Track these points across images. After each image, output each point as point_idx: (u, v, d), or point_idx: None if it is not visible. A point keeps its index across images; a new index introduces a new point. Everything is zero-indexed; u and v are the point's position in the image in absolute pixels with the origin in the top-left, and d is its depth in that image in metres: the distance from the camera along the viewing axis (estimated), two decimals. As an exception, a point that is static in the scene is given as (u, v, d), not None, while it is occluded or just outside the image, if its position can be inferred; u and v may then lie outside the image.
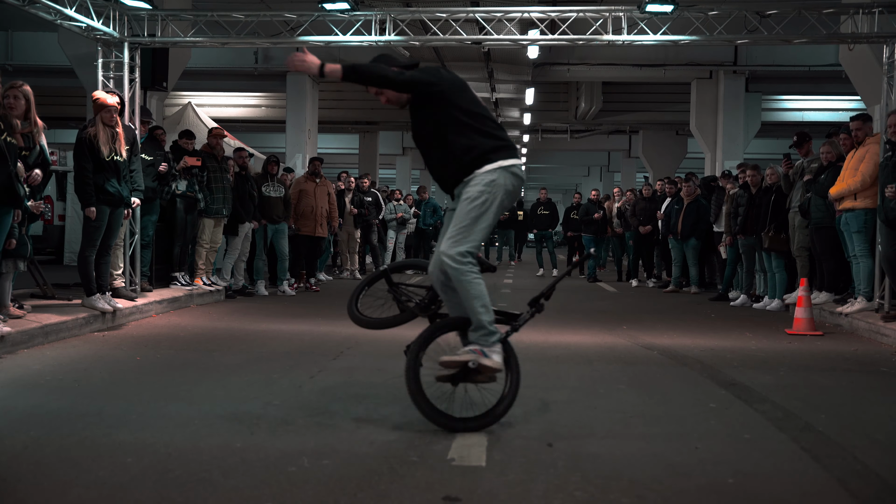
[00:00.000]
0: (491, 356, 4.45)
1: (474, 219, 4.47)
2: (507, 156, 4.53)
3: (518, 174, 4.55)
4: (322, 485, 3.53)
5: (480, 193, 4.46)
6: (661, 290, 15.04)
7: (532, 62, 17.10)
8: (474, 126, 4.52)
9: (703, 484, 3.62)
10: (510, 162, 4.53)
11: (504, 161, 4.51)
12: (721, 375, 6.23)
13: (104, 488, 3.44)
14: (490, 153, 4.50)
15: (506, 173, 4.50)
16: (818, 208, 9.83)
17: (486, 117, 4.61)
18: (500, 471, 3.75)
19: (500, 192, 4.48)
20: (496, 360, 4.46)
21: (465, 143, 4.51)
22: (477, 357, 4.44)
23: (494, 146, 4.52)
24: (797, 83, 19.95)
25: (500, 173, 4.49)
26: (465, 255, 4.45)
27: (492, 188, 4.47)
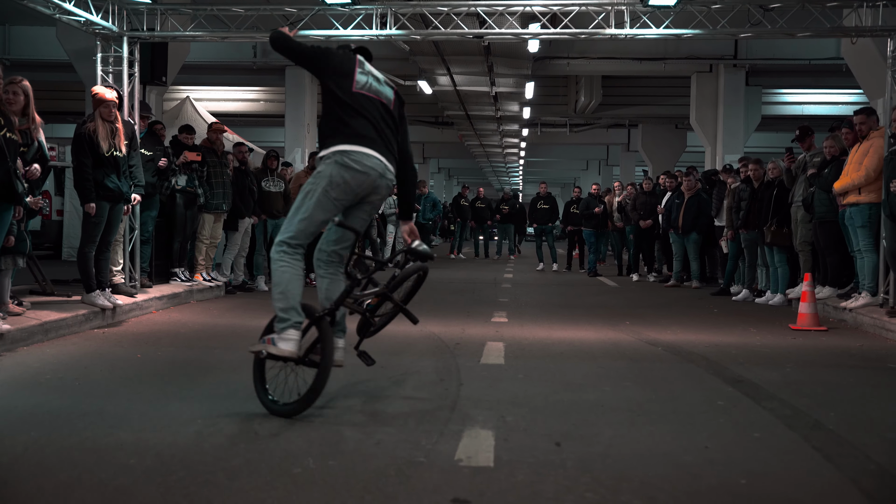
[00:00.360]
0: (278, 344, 4.57)
1: (295, 210, 4.71)
2: (341, 145, 4.62)
3: (349, 165, 4.60)
4: (328, 487, 3.47)
5: (308, 184, 4.71)
6: (661, 284, 15.00)
7: (532, 56, 17.02)
8: (331, 111, 4.71)
9: (714, 484, 3.57)
10: (341, 148, 4.62)
11: (335, 147, 4.63)
12: (727, 372, 6.18)
13: (106, 491, 3.39)
14: (328, 138, 4.67)
15: (334, 164, 4.62)
16: (822, 203, 9.78)
17: (346, 105, 4.68)
18: (509, 471, 3.70)
19: (321, 184, 4.63)
20: (283, 347, 4.56)
21: (321, 126, 4.81)
22: (265, 346, 4.63)
23: (334, 137, 4.65)
24: (797, 77, 19.88)
25: (327, 164, 4.64)
26: (280, 245, 4.67)
27: (315, 179, 4.67)
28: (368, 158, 4.67)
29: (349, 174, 4.65)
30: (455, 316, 9.38)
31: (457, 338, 7.68)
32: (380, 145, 4.74)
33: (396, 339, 7.40)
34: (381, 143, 4.75)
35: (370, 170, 4.69)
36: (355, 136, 4.68)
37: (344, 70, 4.78)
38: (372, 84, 4.85)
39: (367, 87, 4.81)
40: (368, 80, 4.84)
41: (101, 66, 9.32)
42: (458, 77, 18.80)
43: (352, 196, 4.71)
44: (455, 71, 18.08)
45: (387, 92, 4.91)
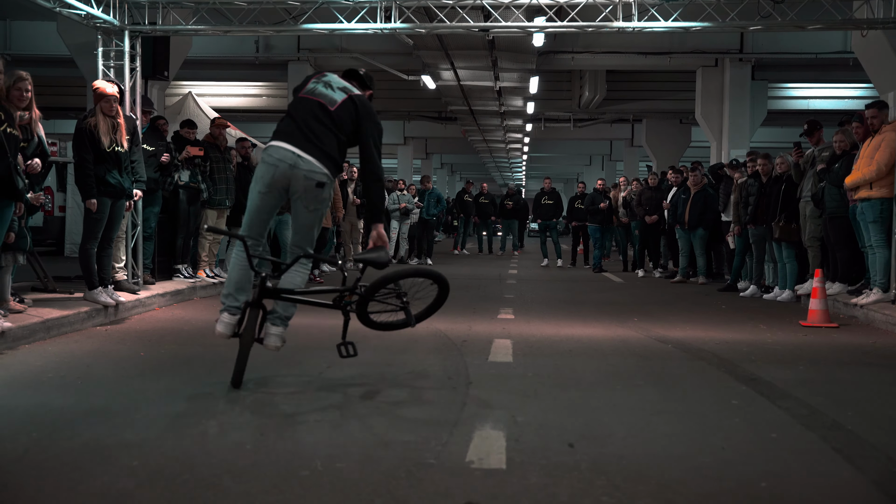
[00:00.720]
0: (216, 325, 5.25)
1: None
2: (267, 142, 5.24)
3: (263, 158, 5.15)
4: (336, 490, 3.38)
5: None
6: (667, 280, 14.90)
7: (537, 50, 16.88)
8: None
9: (733, 487, 3.46)
10: (264, 146, 5.26)
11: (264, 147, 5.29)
12: (739, 370, 6.08)
13: (108, 495, 3.29)
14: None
15: (259, 162, 5.27)
16: (832, 198, 9.67)
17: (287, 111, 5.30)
18: (522, 474, 3.60)
19: (253, 179, 5.27)
20: (217, 328, 5.25)
21: None
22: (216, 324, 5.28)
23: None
24: (804, 71, 19.73)
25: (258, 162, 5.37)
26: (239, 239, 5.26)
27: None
28: (277, 150, 5.07)
29: (262, 167, 5.15)
30: (461, 313, 9.27)
31: (463, 335, 7.58)
32: (298, 139, 5.08)
33: (402, 337, 7.29)
34: (300, 137, 5.09)
35: (279, 161, 5.05)
36: (276, 134, 5.18)
37: (302, 83, 5.39)
38: (318, 89, 5.23)
39: (310, 91, 5.24)
40: (317, 86, 5.25)
41: (102, 60, 9.21)
42: (462, 72, 18.67)
43: (271, 188, 5.11)
44: (459, 66, 17.95)
45: (333, 95, 5.21)
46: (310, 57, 19.24)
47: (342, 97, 5.18)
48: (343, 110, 5.15)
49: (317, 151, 5.05)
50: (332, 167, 5.12)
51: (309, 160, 5.03)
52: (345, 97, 5.18)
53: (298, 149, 5.03)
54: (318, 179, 5.07)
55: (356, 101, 5.20)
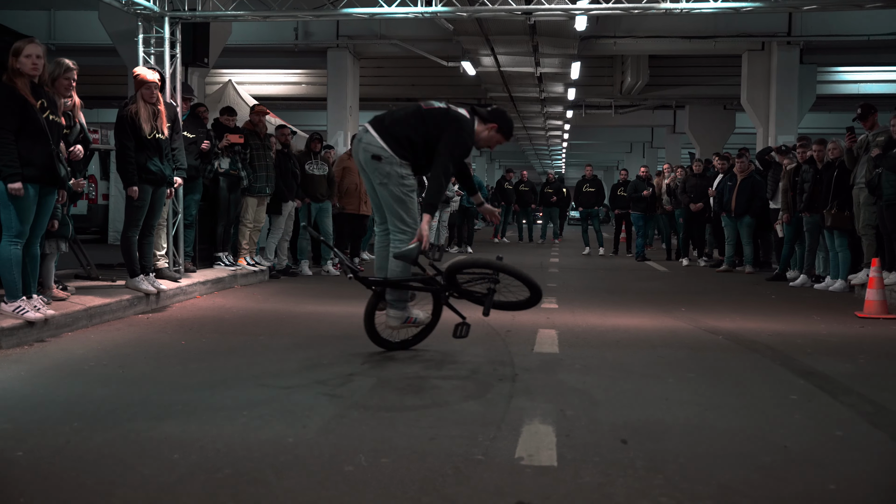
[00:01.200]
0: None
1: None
2: None
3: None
4: (382, 487, 3.25)
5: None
6: (713, 269, 14.60)
7: (578, 35, 16.59)
8: None
9: (800, 490, 3.28)
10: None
11: None
12: (795, 363, 5.85)
13: (150, 489, 3.20)
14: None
15: None
16: (890, 184, 9.33)
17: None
18: (575, 472, 3.45)
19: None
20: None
21: None
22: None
23: None
24: (854, 53, 19.13)
25: None
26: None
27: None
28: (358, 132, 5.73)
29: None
30: (503, 302, 9.09)
31: (507, 325, 7.41)
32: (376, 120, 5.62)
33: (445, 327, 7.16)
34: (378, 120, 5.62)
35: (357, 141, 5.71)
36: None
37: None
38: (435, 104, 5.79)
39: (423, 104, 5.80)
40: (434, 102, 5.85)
41: (142, 47, 9.17)
42: (503, 58, 18.43)
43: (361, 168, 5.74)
44: (499, 51, 17.72)
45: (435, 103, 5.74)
46: (349, 44, 19.12)
47: (441, 105, 5.66)
48: (434, 112, 5.59)
49: (383, 130, 5.48)
50: (395, 147, 5.46)
51: (371, 135, 5.48)
52: (443, 107, 5.64)
53: (369, 125, 5.54)
54: (373, 152, 5.46)
55: (450, 113, 5.60)
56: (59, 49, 19.03)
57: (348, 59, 19.31)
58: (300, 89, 23.65)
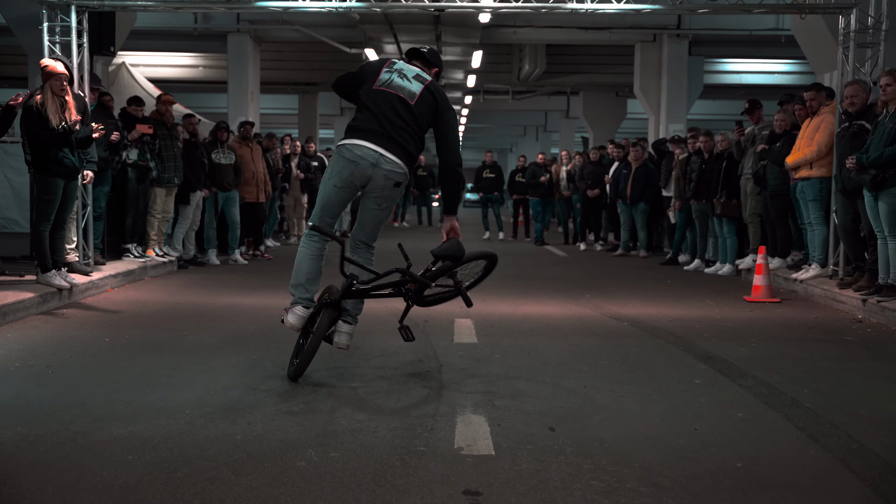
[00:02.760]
0: (287, 316, 5.14)
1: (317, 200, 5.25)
2: (344, 138, 5.09)
3: (343, 154, 5.01)
4: (336, 480, 3.48)
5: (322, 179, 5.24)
6: (609, 253, 15.22)
7: (481, 25, 16.94)
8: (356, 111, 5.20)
9: (713, 469, 3.67)
10: (341, 143, 5.09)
11: (339, 143, 5.12)
12: (696, 348, 6.33)
13: (114, 490, 3.34)
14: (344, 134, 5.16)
15: (335, 154, 5.13)
16: (774, 176, 10.02)
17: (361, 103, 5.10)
18: (512, 460, 3.75)
19: (327, 173, 5.14)
20: (289, 319, 5.12)
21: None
22: (283, 314, 5.20)
23: (346, 130, 5.12)
24: (738, 47, 20.16)
25: (333, 155, 5.25)
26: (308, 228, 5.14)
27: (326, 169, 5.25)
28: (359, 148, 4.99)
29: (340, 162, 5.03)
30: (416, 290, 9.35)
31: (424, 314, 7.66)
32: (380, 137, 4.97)
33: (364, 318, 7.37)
34: (381, 135, 4.97)
35: (360, 159, 4.96)
36: (355, 130, 5.05)
37: (372, 72, 5.14)
38: (394, 80, 5.08)
39: (386, 83, 5.08)
40: (392, 76, 5.09)
41: (47, 35, 8.95)
42: (405, 45, 18.57)
43: (348, 184, 5.04)
44: (402, 39, 17.87)
45: (410, 87, 5.07)
46: (250, 28, 18.92)
47: (419, 88, 5.06)
48: (422, 104, 5.05)
49: (398, 150, 4.97)
50: (410, 165, 5.07)
51: (391, 159, 4.95)
52: (422, 88, 5.07)
53: (381, 147, 4.93)
54: (396, 179, 5.01)
55: (434, 92, 5.10)
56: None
57: (249, 43, 19.12)
58: (199, 72, 23.21)
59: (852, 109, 8.50)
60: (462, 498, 3.31)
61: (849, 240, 8.66)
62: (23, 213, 10.07)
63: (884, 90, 7.81)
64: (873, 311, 7.65)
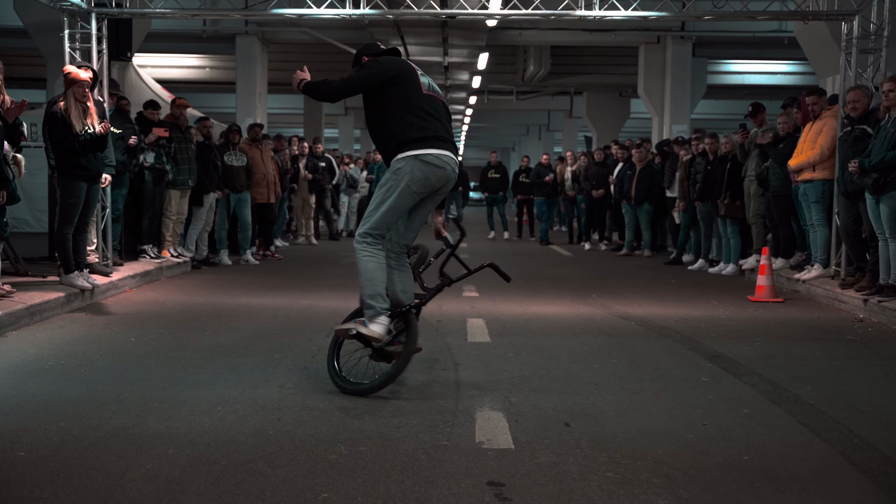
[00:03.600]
0: (370, 326, 4.90)
1: (378, 203, 4.98)
2: (420, 146, 4.91)
3: (429, 161, 4.91)
4: (368, 472, 3.69)
5: (387, 181, 4.97)
6: (613, 252, 15.43)
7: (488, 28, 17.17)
8: (401, 115, 4.95)
9: (721, 461, 3.88)
10: (421, 151, 4.90)
11: (415, 151, 4.91)
12: (702, 347, 6.54)
13: (159, 482, 3.55)
14: (406, 143, 4.92)
15: (415, 161, 4.90)
16: (776, 177, 10.23)
17: (414, 109, 4.97)
18: (531, 453, 3.96)
19: (404, 179, 4.90)
20: (374, 329, 4.90)
21: (389, 132, 4.98)
22: (356, 326, 4.94)
23: (412, 137, 4.92)
24: (741, 48, 20.40)
25: (407, 161, 4.91)
26: (363, 236, 4.97)
27: (396, 175, 4.93)
28: (444, 157, 4.99)
29: (429, 170, 4.94)
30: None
31: (437, 314, 7.90)
32: (449, 143, 5.08)
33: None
34: (449, 140, 5.09)
35: (446, 164, 5.00)
36: (431, 139, 4.97)
37: (409, 74, 5.07)
38: (432, 85, 5.20)
39: (430, 88, 5.14)
40: (428, 81, 5.19)
41: (68, 42, 9.18)
42: (413, 48, 18.84)
43: (429, 189, 5.01)
44: (409, 42, 18.11)
45: (439, 90, 5.26)
46: (258, 31, 19.14)
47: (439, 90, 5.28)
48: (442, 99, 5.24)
49: (456, 153, 5.11)
50: None
51: (458, 163, 5.12)
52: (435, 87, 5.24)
53: (452, 154, 5.05)
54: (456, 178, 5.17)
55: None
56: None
57: (257, 45, 19.33)
58: (207, 73, 23.44)
59: (854, 114, 8.71)
60: (486, 489, 3.53)
61: (850, 241, 8.87)
62: (33, 214, 10.31)
63: (886, 95, 8.02)
64: (874, 310, 7.86)
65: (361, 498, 3.42)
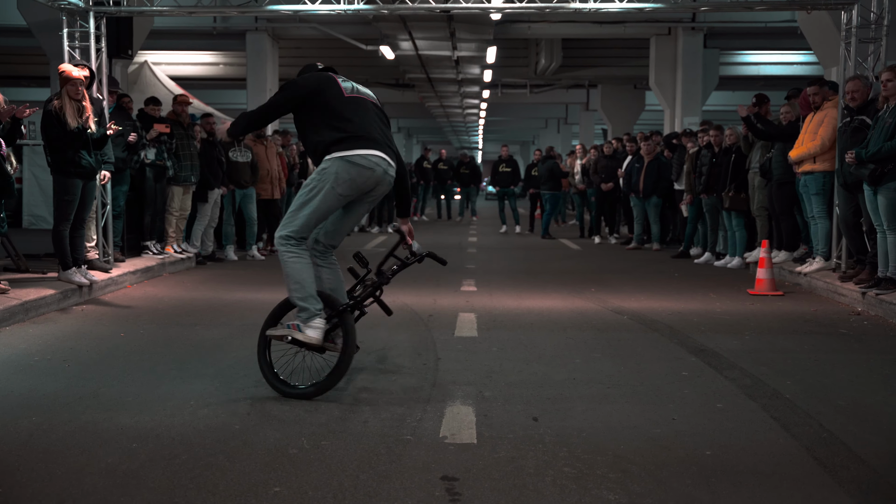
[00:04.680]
0: (305, 331, 4.80)
1: (300, 205, 4.88)
2: (346, 147, 4.83)
3: (356, 162, 4.82)
4: (325, 466, 3.71)
5: (311, 181, 4.89)
6: (623, 246, 15.35)
7: (494, 21, 17.12)
8: (325, 123, 4.90)
9: (682, 456, 3.86)
10: (347, 153, 4.82)
11: (341, 152, 4.83)
12: (690, 341, 6.50)
13: (116, 475, 3.59)
14: (331, 145, 4.85)
15: (340, 162, 4.82)
16: (778, 165, 10.13)
17: (337, 113, 4.91)
18: (492, 448, 3.96)
19: (329, 180, 4.82)
20: (310, 334, 4.79)
21: (317, 141, 4.93)
22: (291, 332, 4.83)
23: (336, 138, 4.85)
24: (754, 39, 20.18)
25: (333, 162, 4.83)
26: (286, 239, 4.85)
27: (321, 176, 4.86)
28: (373, 157, 4.88)
29: (355, 171, 4.83)
30: (425, 285, 9.59)
31: (429, 309, 7.92)
32: (381, 144, 4.97)
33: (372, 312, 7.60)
34: (382, 142, 4.98)
35: (375, 166, 4.89)
36: (358, 139, 4.87)
37: (328, 84, 5.00)
38: (357, 88, 5.13)
39: (354, 91, 5.08)
40: (353, 84, 5.13)
41: (67, 41, 9.26)
42: (421, 42, 18.81)
43: (357, 192, 4.92)
44: (417, 36, 18.09)
45: (370, 93, 5.20)
46: (268, 27, 19.22)
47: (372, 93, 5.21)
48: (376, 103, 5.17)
49: (391, 154, 5.00)
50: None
51: (393, 165, 4.99)
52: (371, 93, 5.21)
53: (385, 154, 4.93)
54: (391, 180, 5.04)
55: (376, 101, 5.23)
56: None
57: (267, 41, 19.41)
58: (218, 70, 23.54)
59: (853, 104, 8.61)
60: (439, 483, 3.53)
61: (850, 233, 8.77)
62: (49, 210, 10.40)
63: (884, 85, 7.92)
64: (872, 303, 7.77)
65: (312, 492, 3.43)
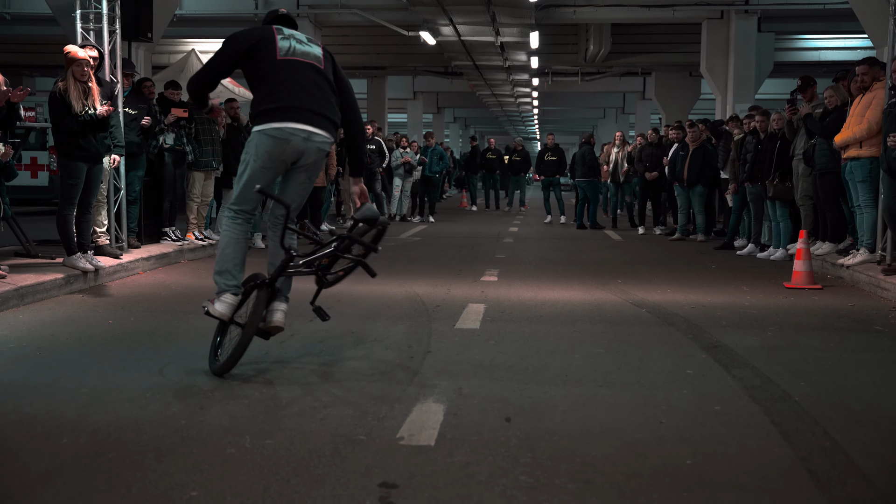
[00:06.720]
0: (215, 304, 4.81)
1: (237, 179, 4.93)
2: (263, 120, 4.69)
3: (271, 135, 4.66)
4: (257, 469, 3.37)
5: (243, 155, 4.82)
6: (667, 237, 14.77)
7: (534, 5, 16.59)
8: (255, 90, 4.78)
9: (657, 466, 3.43)
10: (264, 126, 4.68)
11: (260, 125, 4.71)
12: (706, 337, 6.02)
13: (26, 476, 3.30)
14: (255, 118, 4.75)
15: (259, 135, 4.70)
16: (822, 153, 9.49)
17: (264, 80, 4.71)
18: (448, 451, 3.58)
19: (251, 154, 4.73)
20: (217, 308, 4.79)
21: (253, 103, 4.83)
22: (207, 304, 4.89)
23: (258, 111, 4.73)
24: (810, 21, 19.29)
25: (254, 136, 4.74)
26: (228, 210, 4.89)
27: (246, 149, 4.79)
28: (288, 128, 4.67)
29: (271, 143, 4.67)
30: (445, 275, 9.24)
31: (439, 299, 7.56)
32: (304, 114, 4.68)
33: (377, 302, 7.29)
34: (306, 112, 4.68)
35: (291, 136, 4.68)
36: (276, 112, 4.69)
37: (266, 41, 4.76)
38: (296, 47, 4.81)
39: (291, 51, 4.78)
40: (291, 43, 4.81)
41: (80, 23, 9.11)
42: (462, 27, 18.40)
43: (278, 163, 4.74)
44: (457, 21, 17.68)
45: (315, 51, 4.87)
46: (310, 13, 19.03)
47: (319, 51, 4.89)
48: (328, 66, 4.87)
49: (326, 123, 4.74)
50: (335, 133, 4.86)
51: (321, 134, 4.72)
52: (322, 50, 4.91)
53: (310, 125, 4.67)
54: (327, 150, 4.84)
55: (330, 54, 4.98)
56: (14, 18, 18.89)
57: (309, 28, 19.21)
58: (263, 58, 23.49)
59: (901, 84, 7.98)
60: (375, 491, 3.17)
61: (894, 223, 8.14)
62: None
63: (934, 63, 7.29)
64: (916, 298, 7.17)
65: (231, 498, 3.10)
